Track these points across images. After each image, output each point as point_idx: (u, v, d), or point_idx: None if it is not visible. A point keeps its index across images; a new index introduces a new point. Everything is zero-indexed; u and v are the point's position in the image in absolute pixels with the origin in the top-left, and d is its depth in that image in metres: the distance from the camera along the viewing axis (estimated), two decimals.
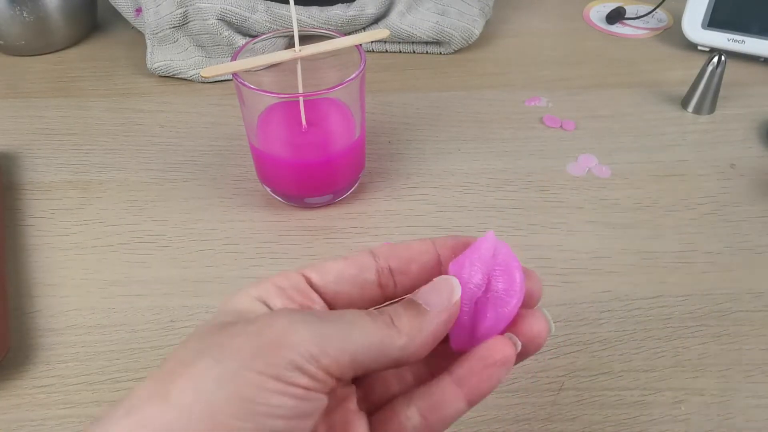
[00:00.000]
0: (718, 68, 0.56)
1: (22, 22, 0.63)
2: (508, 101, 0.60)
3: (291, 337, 0.20)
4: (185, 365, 0.20)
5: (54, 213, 0.48)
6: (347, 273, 0.25)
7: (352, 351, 0.21)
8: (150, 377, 0.20)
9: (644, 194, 0.50)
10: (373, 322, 0.22)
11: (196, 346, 0.21)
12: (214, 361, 0.20)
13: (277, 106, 0.46)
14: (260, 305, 0.23)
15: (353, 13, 0.64)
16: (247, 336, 0.21)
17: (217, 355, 0.20)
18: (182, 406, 0.19)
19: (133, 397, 0.20)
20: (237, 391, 0.19)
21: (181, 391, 0.19)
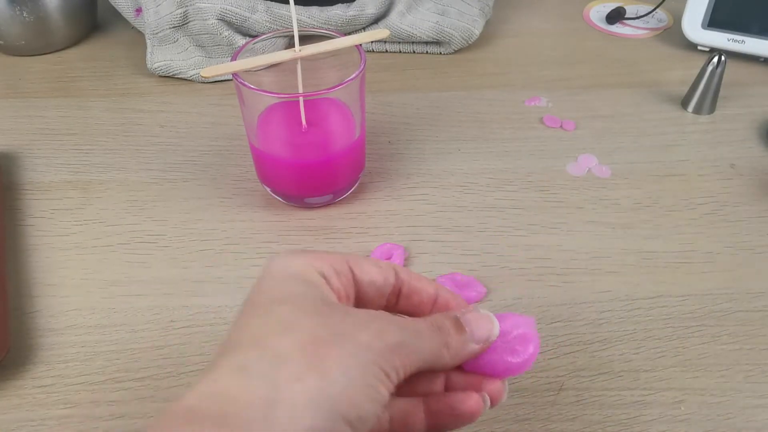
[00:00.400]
0: (718, 68, 0.56)
1: (22, 22, 0.63)
2: (508, 101, 0.60)
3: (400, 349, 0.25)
4: (327, 343, 0.23)
5: (54, 213, 0.48)
6: (377, 281, 0.28)
7: (419, 365, 0.26)
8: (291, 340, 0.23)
9: (644, 194, 0.50)
10: (437, 338, 0.26)
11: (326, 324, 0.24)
12: (354, 349, 0.24)
13: (277, 106, 0.46)
14: (325, 283, 0.27)
15: (353, 13, 0.64)
16: (373, 335, 0.24)
17: (354, 344, 0.24)
18: (338, 384, 0.22)
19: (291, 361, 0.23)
20: (368, 380, 0.23)
21: (335, 370, 0.23)
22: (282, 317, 0.24)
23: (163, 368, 0.38)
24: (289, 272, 0.26)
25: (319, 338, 0.24)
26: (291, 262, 0.27)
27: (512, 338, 0.28)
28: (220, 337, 0.40)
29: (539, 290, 0.42)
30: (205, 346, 0.39)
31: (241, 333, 0.24)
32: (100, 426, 0.35)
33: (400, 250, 0.44)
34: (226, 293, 0.42)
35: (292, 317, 0.24)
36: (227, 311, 0.41)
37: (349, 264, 0.28)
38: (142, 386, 0.37)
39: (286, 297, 0.25)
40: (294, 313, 0.25)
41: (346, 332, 0.24)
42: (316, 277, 0.26)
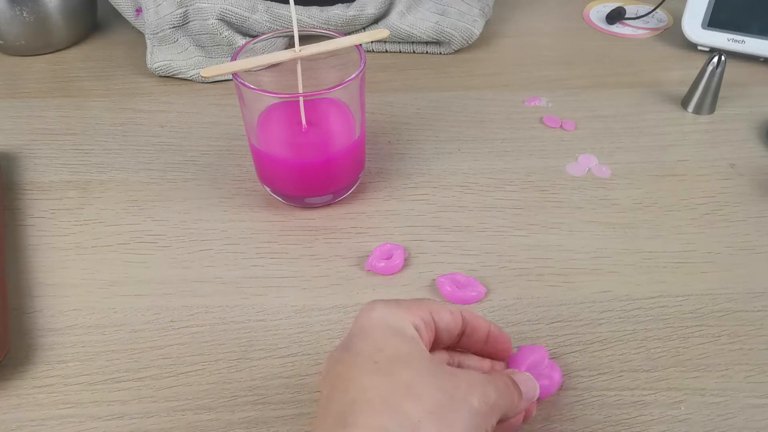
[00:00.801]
0: (718, 68, 0.56)
1: (22, 22, 0.63)
2: (508, 101, 0.60)
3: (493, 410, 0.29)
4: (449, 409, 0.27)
5: (54, 213, 0.48)
6: (449, 327, 0.32)
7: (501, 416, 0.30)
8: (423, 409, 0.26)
9: (644, 194, 0.50)
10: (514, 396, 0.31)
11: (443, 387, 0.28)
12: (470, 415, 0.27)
13: (277, 106, 0.46)
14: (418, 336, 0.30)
15: (353, 13, 0.64)
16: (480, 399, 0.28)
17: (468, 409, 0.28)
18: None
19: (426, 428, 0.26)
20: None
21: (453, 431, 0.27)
22: (406, 380, 0.27)
23: (163, 368, 0.38)
24: (390, 326, 0.29)
25: (442, 404, 0.27)
26: (389, 315, 0.30)
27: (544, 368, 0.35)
28: (220, 337, 0.40)
29: (539, 290, 0.42)
30: (204, 346, 0.39)
31: (365, 393, 0.27)
32: (100, 426, 0.35)
33: (400, 250, 0.44)
34: (225, 293, 0.42)
35: (415, 380, 0.27)
36: (227, 311, 0.41)
37: (432, 315, 0.31)
38: (142, 386, 0.37)
39: (401, 357, 0.28)
40: (415, 377, 0.27)
41: (460, 397, 0.28)
42: (413, 332, 0.30)
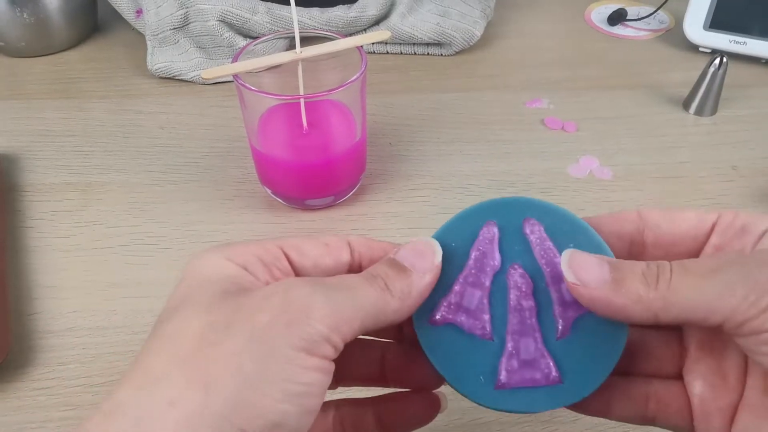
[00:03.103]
0: (719, 70, 0.56)
1: (22, 24, 0.63)
2: (509, 103, 0.60)
3: (315, 310, 0.20)
4: (213, 344, 0.19)
5: (54, 215, 0.48)
6: (323, 262, 0.25)
7: (361, 317, 0.22)
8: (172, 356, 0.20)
9: (646, 196, 0.50)
10: (371, 287, 0.23)
11: (215, 321, 0.20)
12: (248, 340, 0.19)
13: (278, 107, 0.46)
14: (246, 274, 0.23)
15: (354, 15, 0.64)
16: (273, 311, 0.20)
17: (248, 333, 0.20)
18: (226, 393, 0.19)
19: (167, 383, 0.19)
20: (277, 372, 0.19)
21: (222, 378, 0.19)
22: (169, 330, 0.20)
23: None
24: (201, 273, 0.23)
25: (205, 341, 0.19)
26: (204, 261, 0.23)
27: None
28: None
29: None
30: None
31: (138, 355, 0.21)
32: None
33: None
34: None
35: (179, 327, 0.20)
36: None
37: (283, 249, 0.24)
38: None
39: (183, 303, 0.21)
40: (182, 321, 0.20)
41: (239, 320, 0.20)
42: (231, 271, 0.22)
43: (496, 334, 0.25)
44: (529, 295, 0.26)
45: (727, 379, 0.24)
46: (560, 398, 0.24)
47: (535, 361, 0.25)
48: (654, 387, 0.25)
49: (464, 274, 0.26)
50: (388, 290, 0.23)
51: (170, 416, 0.18)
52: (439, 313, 0.25)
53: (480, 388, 0.25)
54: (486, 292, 0.26)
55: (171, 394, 0.19)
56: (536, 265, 0.26)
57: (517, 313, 0.25)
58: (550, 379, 0.24)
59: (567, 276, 0.23)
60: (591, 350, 0.25)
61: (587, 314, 0.25)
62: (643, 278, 0.22)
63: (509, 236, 0.26)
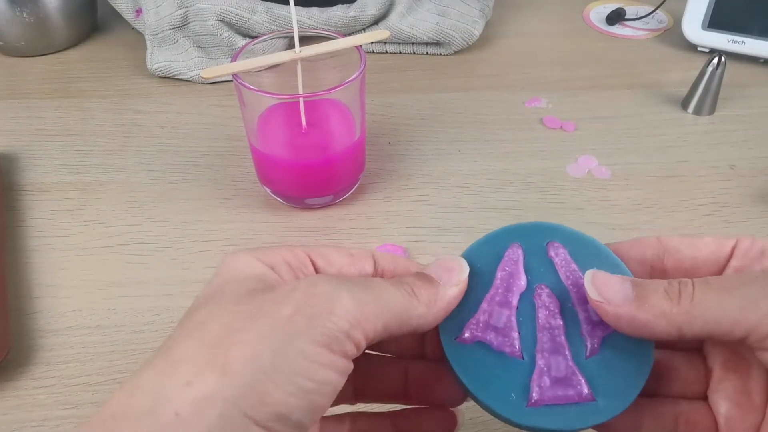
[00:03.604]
0: (718, 69, 0.56)
1: (22, 23, 0.63)
2: (508, 102, 0.60)
3: (338, 305, 0.21)
4: (236, 331, 0.20)
5: (54, 214, 0.48)
6: (347, 271, 0.25)
7: (385, 318, 0.22)
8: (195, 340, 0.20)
9: (644, 195, 0.50)
10: (397, 290, 0.23)
11: (241, 311, 0.21)
12: (269, 330, 0.20)
13: (277, 107, 0.46)
14: (273, 274, 0.23)
15: (353, 14, 0.64)
16: (296, 304, 0.20)
17: (270, 323, 0.20)
18: (241, 379, 0.19)
19: (186, 364, 0.20)
20: (292, 366, 0.19)
21: (240, 363, 0.19)
22: (196, 320, 0.21)
23: None
24: (231, 272, 0.23)
25: (229, 329, 0.20)
26: (236, 260, 0.24)
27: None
28: None
29: None
30: None
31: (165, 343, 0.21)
32: None
33: (401, 251, 0.44)
34: None
35: (206, 317, 0.21)
36: None
37: (310, 256, 0.25)
38: None
39: (212, 298, 0.22)
40: (210, 312, 0.21)
41: (263, 312, 0.20)
42: (259, 270, 0.23)
43: (525, 352, 0.25)
44: (557, 314, 0.26)
45: (751, 398, 0.24)
46: (593, 416, 0.24)
47: (567, 378, 0.25)
48: (682, 407, 0.25)
49: (491, 294, 0.26)
50: (414, 295, 0.23)
51: (186, 395, 0.19)
52: (467, 332, 0.26)
53: (512, 405, 0.24)
54: (513, 311, 0.26)
55: (188, 375, 0.19)
56: (562, 286, 0.26)
57: (547, 332, 0.26)
58: (582, 397, 0.24)
59: (591, 294, 0.24)
60: (620, 368, 0.25)
61: (614, 333, 0.25)
62: (666, 294, 0.22)
63: (534, 258, 0.27)
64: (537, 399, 0.24)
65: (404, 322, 0.23)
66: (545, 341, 0.25)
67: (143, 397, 0.19)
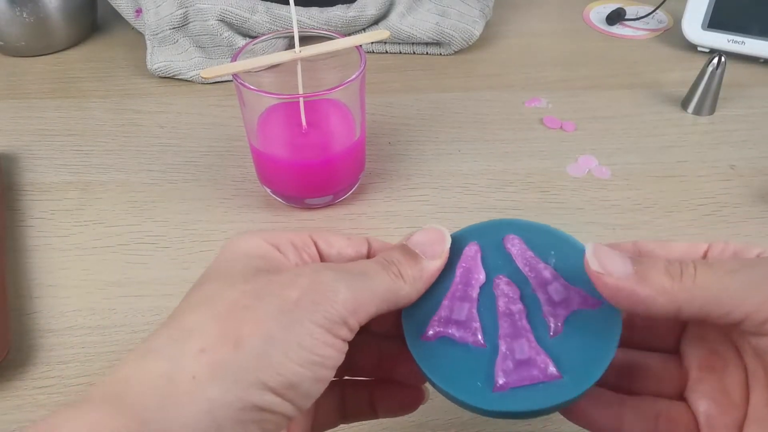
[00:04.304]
0: (718, 69, 0.56)
1: (22, 23, 0.63)
2: (508, 102, 0.60)
3: (339, 294, 0.23)
4: (246, 308, 0.22)
5: (54, 214, 0.48)
6: (346, 253, 0.27)
7: (377, 304, 0.24)
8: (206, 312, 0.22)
9: (644, 195, 0.50)
10: (386, 273, 0.25)
11: (248, 289, 0.22)
12: (278, 310, 0.22)
13: (277, 106, 0.46)
14: (278, 254, 0.25)
15: (353, 14, 0.64)
16: (302, 290, 0.22)
17: (277, 303, 0.22)
18: (254, 351, 0.21)
19: (200, 333, 0.21)
20: (299, 341, 0.21)
21: (251, 337, 0.21)
22: (203, 293, 0.23)
23: None
24: (237, 250, 0.25)
25: (238, 305, 0.22)
26: (242, 240, 0.25)
27: None
28: None
29: None
30: None
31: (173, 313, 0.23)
32: None
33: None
34: None
35: (214, 291, 0.23)
36: None
37: (312, 237, 0.27)
38: None
39: (218, 273, 0.24)
40: (218, 287, 0.23)
41: (270, 293, 0.22)
42: (266, 250, 0.25)
43: (488, 341, 0.26)
44: (516, 300, 0.26)
45: (730, 396, 0.24)
46: (561, 393, 0.24)
47: (531, 359, 0.25)
48: (661, 405, 0.26)
49: (451, 291, 0.27)
50: (401, 277, 0.25)
51: (201, 359, 0.20)
52: (431, 329, 0.26)
53: (478, 393, 0.24)
54: (474, 303, 0.26)
55: (202, 344, 0.21)
56: (520, 274, 0.27)
57: (507, 318, 0.26)
58: (548, 375, 0.24)
59: (591, 264, 0.23)
60: (586, 344, 0.25)
61: (578, 311, 0.25)
62: (667, 272, 0.22)
63: (491, 253, 0.28)
64: (502, 383, 0.24)
65: (392, 303, 0.25)
66: (506, 326, 0.26)
67: (158, 361, 0.21)
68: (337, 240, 0.27)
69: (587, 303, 0.25)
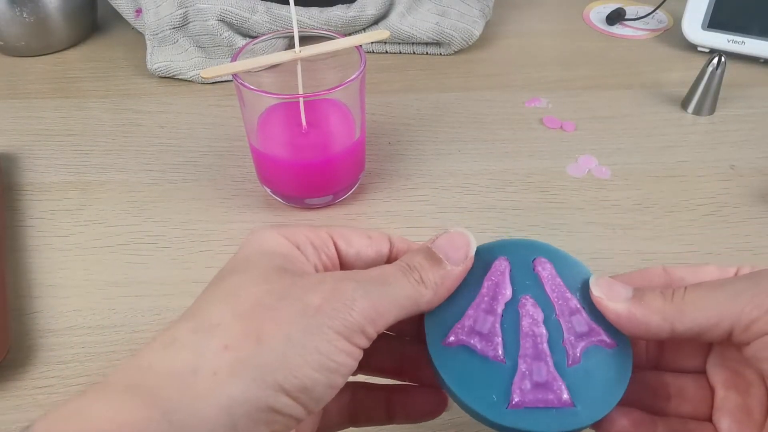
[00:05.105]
0: (717, 69, 0.56)
1: (22, 23, 0.63)
2: (508, 102, 0.60)
3: (358, 303, 0.23)
4: (269, 309, 0.22)
5: (54, 214, 0.48)
6: (366, 253, 0.27)
7: (396, 312, 0.24)
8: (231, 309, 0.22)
9: (644, 195, 0.50)
10: (407, 280, 0.25)
11: (273, 290, 0.23)
12: (299, 314, 0.22)
13: (277, 106, 0.46)
14: (299, 253, 0.25)
15: (353, 14, 0.64)
16: (324, 296, 0.22)
17: (300, 306, 0.22)
18: (275, 350, 0.21)
19: (224, 330, 0.21)
20: (317, 345, 0.22)
21: (273, 337, 0.21)
22: (227, 287, 0.23)
23: None
24: (259, 245, 0.25)
25: (261, 304, 0.22)
26: (263, 235, 0.26)
27: None
28: None
29: None
30: None
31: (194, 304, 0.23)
32: None
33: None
34: None
35: (238, 286, 0.23)
36: None
37: (333, 236, 0.27)
38: None
39: (241, 268, 0.24)
40: (241, 282, 0.23)
41: (293, 296, 0.22)
42: (287, 248, 0.25)
43: (508, 357, 0.26)
44: (540, 324, 0.27)
45: (752, 415, 0.25)
46: (572, 421, 0.25)
47: (548, 383, 0.25)
48: (691, 426, 0.26)
49: (477, 302, 0.27)
50: (422, 283, 0.25)
51: (224, 357, 0.21)
52: (452, 336, 0.26)
53: (493, 406, 0.25)
54: (498, 318, 0.27)
55: (226, 340, 0.21)
56: (546, 299, 0.27)
57: (530, 339, 0.26)
58: (562, 402, 0.25)
59: (594, 291, 0.26)
60: (600, 378, 0.26)
61: (596, 347, 0.26)
62: (661, 295, 0.25)
63: (520, 272, 0.28)
64: (518, 401, 0.25)
65: (413, 309, 0.25)
66: (528, 347, 0.26)
67: (183, 353, 0.21)
68: (357, 239, 0.27)
69: (604, 342, 0.26)
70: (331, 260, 0.26)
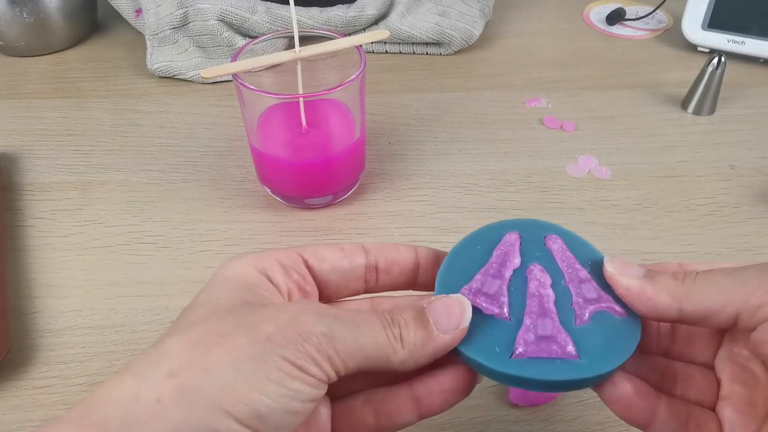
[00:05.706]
0: (717, 69, 0.56)
1: (22, 23, 0.63)
2: (508, 102, 0.60)
3: (313, 336, 0.22)
4: (222, 336, 0.22)
5: (54, 214, 0.48)
6: (341, 265, 0.27)
7: (359, 360, 0.23)
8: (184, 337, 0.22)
9: (644, 195, 0.50)
10: (383, 332, 0.24)
11: (230, 320, 0.23)
12: (250, 341, 0.22)
13: (277, 106, 0.46)
14: (265, 280, 0.26)
15: (353, 14, 0.64)
16: (279, 325, 0.22)
17: (252, 335, 0.22)
18: (222, 378, 0.21)
19: (172, 357, 0.22)
20: (268, 373, 0.21)
21: (221, 364, 0.21)
22: (188, 319, 0.24)
23: None
24: (227, 276, 0.26)
25: (213, 333, 0.22)
26: (231, 265, 0.26)
27: None
28: None
29: None
30: None
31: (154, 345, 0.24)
32: None
33: None
34: None
35: (199, 318, 0.23)
36: None
37: (302, 255, 0.27)
38: None
39: (205, 300, 0.25)
40: (202, 315, 0.24)
41: (246, 325, 0.22)
42: (254, 278, 0.25)
43: (513, 315, 0.26)
44: (547, 286, 0.27)
45: (757, 409, 0.25)
46: (576, 371, 0.25)
47: (552, 336, 0.25)
48: (695, 411, 0.27)
49: (486, 268, 0.28)
50: (399, 340, 0.24)
51: (168, 384, 0.21)
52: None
53: (495, 356, 0.25)
54: (505, 282, 0.27)
55: (173, 366, 0.21)
56: (557, 268, 0.28)
57: (536, 299, 0.27)
58: (566, 352, 0.25)
59: (608, 267, 0.26)
60: (607, 338, 0.26)
61: (605, 312, 0.26)
62: (673, 276, 0.25)
63: (531, 245, 0.29)
64: (521, 351, 0.25)
65: (382, 364, 0.24)
66: (534, 306, 0.26)
67: (129, 382, 0.21)
68: (329, 253, 0.27)
69: (614, 310, 0.26)
70: (304, 278, 0.26)
